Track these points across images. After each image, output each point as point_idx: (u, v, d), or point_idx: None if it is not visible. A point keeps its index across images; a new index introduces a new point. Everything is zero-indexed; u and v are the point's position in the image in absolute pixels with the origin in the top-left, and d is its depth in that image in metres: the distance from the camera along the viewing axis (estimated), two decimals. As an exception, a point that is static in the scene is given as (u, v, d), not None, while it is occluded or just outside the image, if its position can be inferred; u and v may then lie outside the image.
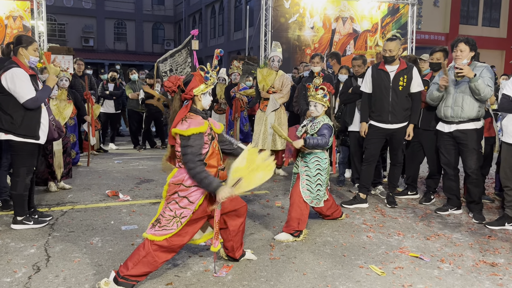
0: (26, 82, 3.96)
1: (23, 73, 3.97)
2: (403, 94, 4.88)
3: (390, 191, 5.25)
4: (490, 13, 23.55)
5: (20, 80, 3.92)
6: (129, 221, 4.45)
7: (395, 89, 4.87)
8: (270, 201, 5.30)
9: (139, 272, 2.90)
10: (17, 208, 4.19)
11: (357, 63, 5.73)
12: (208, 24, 32.09)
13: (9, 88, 3.93)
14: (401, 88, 4.86)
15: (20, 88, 3.93)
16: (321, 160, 4.08)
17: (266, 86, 6.55)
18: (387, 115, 4.93)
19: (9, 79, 3.92)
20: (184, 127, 2.88)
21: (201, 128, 2.89)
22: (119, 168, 7.23)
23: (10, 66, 3.97)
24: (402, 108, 4.91)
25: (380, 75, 4.96)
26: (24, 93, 3.94)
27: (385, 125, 4.98)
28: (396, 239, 4.09)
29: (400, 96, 4.88)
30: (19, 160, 4.13)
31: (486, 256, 3.72)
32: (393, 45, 4.83)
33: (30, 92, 3.97)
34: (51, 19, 29.19)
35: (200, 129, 2.89)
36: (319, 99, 4.06)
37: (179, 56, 6.77)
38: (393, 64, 4.91)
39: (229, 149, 3.29)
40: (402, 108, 4.91)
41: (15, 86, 3.92)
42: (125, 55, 33.44)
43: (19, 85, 3.92)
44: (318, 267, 3.42)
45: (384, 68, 4.94)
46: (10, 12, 10.96)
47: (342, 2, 12.01)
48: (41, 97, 4.08)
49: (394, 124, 4.95)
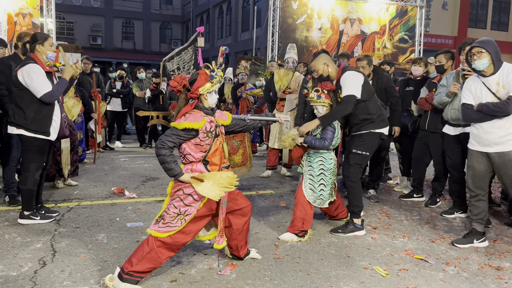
0: (42, 77, 4.01)
1: (39, 69, 4.02)
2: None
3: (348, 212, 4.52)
4: (499, 16, 23.44)
5: (36, 75, 3.98)
6: (134, 218, 4.48)
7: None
8: (275, 201, 5.30)
9: (143, 268, 2.91)
10: (25, 203, 4.22)
11: (362, 64, 5.50)
12: (216, 24, 32.17)
13: (26, 83, 3.98)
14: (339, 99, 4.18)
15: (36, 83, 3.97)
16: (325, 160, 4.07)
17: (282, 86, 6.59)
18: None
19: (26, 74, 3.97)
20: (181, 120, 2.93)
21: (195, 124, 2.91)
22: (125, 166, 7.27)
23: (27, 62, 4.03)
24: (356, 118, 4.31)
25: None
26: (41, 87, 3.99)
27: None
28: (401, 241, 4.08)
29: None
30: (29, 155, 4.16)
31: (492, 259, 3.70)
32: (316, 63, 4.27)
33: (47, 87, 4.02)
34: (60, 17, 29.38)
35: (194, 125, 2.91)
36: (315, 101, 4.06)
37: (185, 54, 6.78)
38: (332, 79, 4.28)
39: (242, 125, 3.38)
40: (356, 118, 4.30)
41: (32, 81, 3.96)
42: (133, 54, 33.61)
43: (35, 79, 3.97)
44: (322, 268, 3.42)
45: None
46: (20, 10, 11.04)
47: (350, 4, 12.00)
48: (57, 91, 4.12)
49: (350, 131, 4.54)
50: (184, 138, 2.95)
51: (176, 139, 2.93)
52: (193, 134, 2.95)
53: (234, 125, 3.32)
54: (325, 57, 4.24)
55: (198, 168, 3.01)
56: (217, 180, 2.92)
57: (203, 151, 3.00)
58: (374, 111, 4.28)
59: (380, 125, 4.32)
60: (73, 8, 32.08)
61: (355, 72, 4.21)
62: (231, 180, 2.96)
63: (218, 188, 2.89)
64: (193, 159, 3.01)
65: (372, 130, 4.28)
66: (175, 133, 2.93)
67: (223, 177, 2.95)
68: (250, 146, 5.50)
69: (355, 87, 4.10)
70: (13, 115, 4.11)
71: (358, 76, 4.18)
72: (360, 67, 5.53)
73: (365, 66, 5.46)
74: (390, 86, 5.42)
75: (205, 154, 3.00)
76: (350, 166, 4.28)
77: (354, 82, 4.11)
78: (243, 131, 3.49)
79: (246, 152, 5.29)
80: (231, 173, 3.04)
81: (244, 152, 5.25)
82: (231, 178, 2.97)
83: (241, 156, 5.20)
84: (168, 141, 2.91)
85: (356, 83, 4.13)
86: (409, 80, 5.99)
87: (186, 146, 2.99)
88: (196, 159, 3.01)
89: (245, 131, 3.53)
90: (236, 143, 5.15)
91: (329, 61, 4.18)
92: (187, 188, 2.96)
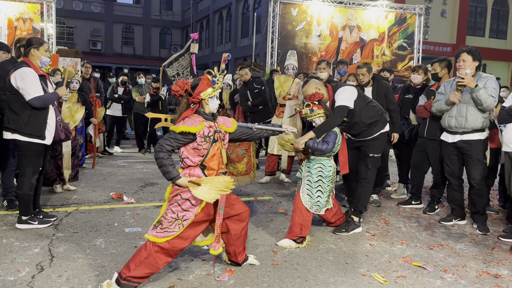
0: (34, 81, 4.01)
1: (33, 72, 4.03)
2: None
3: (350, 209, 4.67)
4: (497, 24, 23.56)
5: (28, 78, 3.98)
6: (132, 224, 4.47)
7: None
8: (274, 207, 5.30)
9: (141, 274, 2.91)
10: (22, 208, 4.21)
11: (362, 72, 5.47)
12: (216, 30, 32.26)
13: (17, 86, 3.98)
14: None
15: (28, 85, 3.97)
16: (324, 167, 4.08)
17: (282, 92, 6.61)
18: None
19: (18, 77, 3.98)
20: (179, 124, 2.95)
21: (192, 128, 2.93)
22: (123, 171, 7.26)
23: (20, 66, 4.03)
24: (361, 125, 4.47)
25: None
26: (32, 90, 3.98)
27: (353, 138, 4.70)
28: (400, 248, 4.08)
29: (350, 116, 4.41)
30: (25, 160, 4.16)
31: (490, 267, 3.70)
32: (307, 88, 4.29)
33: (37, 91, 4.01)
34: (60, 22, 29.47)
35: (191, 129, 2.92)
36: (310, 115, 4.07)
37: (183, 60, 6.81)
38: None
39: (248, 134, 3.39)
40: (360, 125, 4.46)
41: (23, 83, 3.97)
42: (132, 59, 33.68)
43: (27, 82, 3.97)
44: (320, 274, 3.42)
45: None
46: (20, 14, 11.10)
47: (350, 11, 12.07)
48: (47, 98, 4.12)
49: (359, 137, 4.62)
50: (182, 142, 2.96)
51: (174, 143, 2.95)
52: (190, 138, 2.96)
53: (239, 133, 3.33)
54: (315, 82, 4.30)
55: (196, 173, 3.01)
56: (214, 184, 2.93)
57: (200, 155, 3.01)
58: (374, 114, 4.46)
59: (385, 123, 4.58)
60: (73, 13, 32.19)
61: (346, 86, 4.36)
62: (227, 184, 2.97)
63: (214, 192, 2.90)
64: (191, 163, 3.02)
65: (382, 131, 4.55)
66: (173, 137, 2.95)
67: (220, 181, 2.96)
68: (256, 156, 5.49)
69: (347, 99, 4.23)
70: (7, 120, 4.10)
71: (349, 89, 4.31)
72: (360, 74, 5.55)
73: (365, 74, 5.48)
74: (390, 93, 5.44)
75: (202, 159, 3.01)
76: (368, 170, 4.56)
77: (345, 94, 4.24)
78: (248, 140, 3.50)
79: (251, 162, 5.28)
80: (228, 177, 3.04)
81: (248, 161, 5.24)
82: (227, 182, 2.98)
83: (245, 165, 5.19)
84: (166, 145, 2.93)
85: (348, 95, 4.26)
86: (410, 88, 6.01)
87: (184, 150, 3.01)
88: (193, 164, 3.02)
89: (250, 140, 3.54)
90: (242, 151, 5.14)
91: (320, 85, 4.25)
92: (185, 193, 2.97)
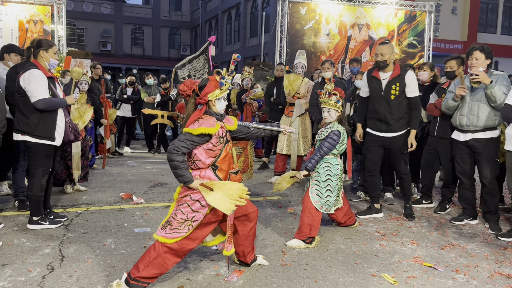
0: (41, 83, 4.03)
1: (41, 75, 4.05)
2: (396, 103, 4.68)
3: (406, 202, 5.02)
4: (509, 21, 23.25)
5: (35, 80, 4.01)
6: (142, 224, 4.49)
7: (387, 99, 4.68)
8: (283, 207, 5.29)
9: (150, 274, 2.91)
10: (32, 208, 4.26)
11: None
12: (224, 30, 32.32)
13: (25, 87, 4.02)
14: (393, 97, 4.66)
15: (34, 87, 4.00)
16: (332, 166, 4.06)
17: (292, 91, 6.60)
18: (381, 124, 4.79)
19: (26, 79, 4.01)
20: (195, 126, 2.92)
21: (211, 129, 2.92)
22: (133, 171, 7.30)
23: (29, 68, 4.06)
24: (396, 117, 4.71)
25: (372, 82, 4.80)
26: (38, 92, 4.00)
27: (380, 133, 4.83)
28: (410, 248, 4.04)
29: (393, 106, 4.68)
30: (35, 161, 4.20)
31: (502, 267, 3.65)
32: (385, 49, 4.61)
33: (43, 93, 4.03)
34: (71, 23, 29.78)
35: (210, 130, 2.91)
36: (332, 105, 4.05)
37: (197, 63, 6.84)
38: (386, 70, 4.69)
39: (245, 132, 3.36)
40: (396, 117, 4.71)
41: (30, 85, 4.00)
42: (142, 60, 33.89)
43: (34, 84, 4.00)
44: (330, 275, 3.40)
45: (377, 75, 4.75)
46: (31, 16, 11.22)
47: (359, 9, 11.97)
48: (53, 102, 4.11)
49: (390, 133, 4.78)
50: (197, 143, 2.94)
51: (190, 145, 2.91)
52: (206, 139, 2.94)
53: (237, 131, 3.31)
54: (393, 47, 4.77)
55: (207, 175, 3.01)
56: (227, 190, 2.91)
57: (213, 156, 3.00)
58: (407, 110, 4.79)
59: (408, 123, 4.84)
60: (84, 14, 32.47)
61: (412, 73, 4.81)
62: (241, 192, 2.95)
63: (228, 200, 2.88)
64: (202, 165, 3.01)
65: (408, 129, 4.82)
66: (189, 139, 2.91)
67: (233, 188, 2.93)
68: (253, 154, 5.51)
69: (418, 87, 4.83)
70: (17, 122, 4.14)
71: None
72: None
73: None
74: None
75: (214, 159, 3.01)
76: (405, 164, 4.92)
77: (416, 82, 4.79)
78: (246, 139, 3.47)
79: (248, 160, 5.31)
80: (241, 184, 3.02)
81: (245, 160, 5.27)
82: (241, 190, 2.96)
83: (241, 164, 5.22)
84: (183, 147, 2.89)
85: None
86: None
87: (197, 151, 2.98)
88: (205, 165, 3.01)
89: (247, 139, 3.51)
90: (239, 150, 5.17)
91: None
92: (195, 194, 2.96)
